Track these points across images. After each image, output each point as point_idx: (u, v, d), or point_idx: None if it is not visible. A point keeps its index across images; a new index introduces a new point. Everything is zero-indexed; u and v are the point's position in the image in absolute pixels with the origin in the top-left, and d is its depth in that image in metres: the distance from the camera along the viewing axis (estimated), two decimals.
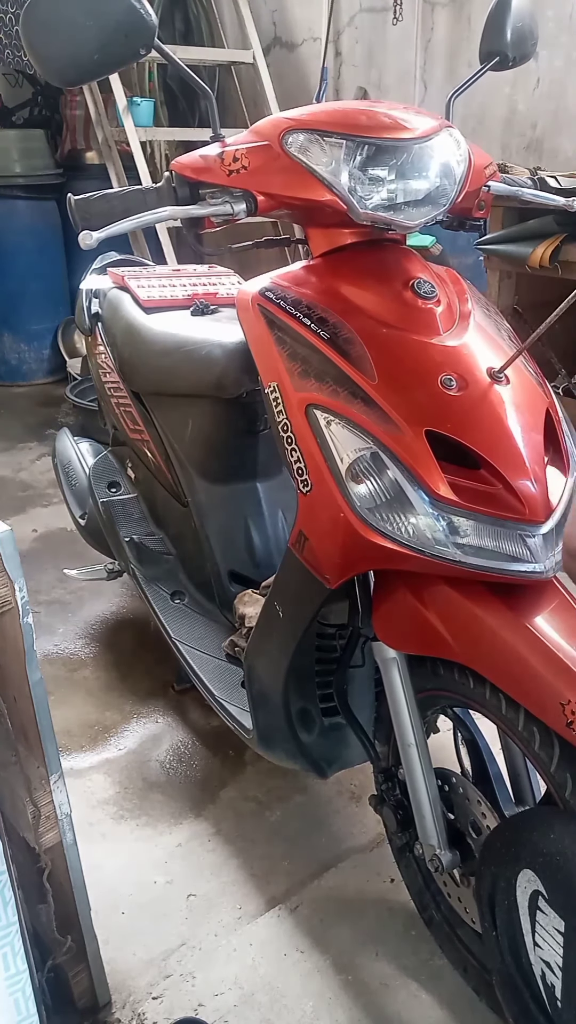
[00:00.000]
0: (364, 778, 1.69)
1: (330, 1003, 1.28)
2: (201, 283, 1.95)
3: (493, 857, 0.95)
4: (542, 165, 2.85)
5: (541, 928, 0.87)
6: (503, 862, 0.92)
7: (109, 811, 1.66)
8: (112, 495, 1.94)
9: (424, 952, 1.35)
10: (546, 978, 0.88)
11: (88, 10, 0.99)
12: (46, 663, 2.08)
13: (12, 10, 4.34)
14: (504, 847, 0.94)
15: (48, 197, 4.03)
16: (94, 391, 2.17)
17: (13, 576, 0.94)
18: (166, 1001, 1.30)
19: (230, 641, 1.59)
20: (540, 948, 0.88)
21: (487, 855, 0.98)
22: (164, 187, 1.14)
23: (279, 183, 1.09)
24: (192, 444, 1.69)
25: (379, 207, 1.08)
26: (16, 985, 1.00)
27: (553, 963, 0.86)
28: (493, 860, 0.95)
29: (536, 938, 0.89)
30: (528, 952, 0.90)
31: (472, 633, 0.99)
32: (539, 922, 0.88)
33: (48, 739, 1.05)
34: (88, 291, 2.02)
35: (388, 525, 1.01)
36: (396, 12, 3.28)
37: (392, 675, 1.15)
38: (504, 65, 1.29)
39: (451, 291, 1.17)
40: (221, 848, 1.57)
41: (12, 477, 3.25)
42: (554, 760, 0.95)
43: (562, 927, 0.84)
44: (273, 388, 1.11)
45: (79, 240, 1.04)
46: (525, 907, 0.89)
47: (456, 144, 1.11)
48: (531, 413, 1.08)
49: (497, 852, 0.95)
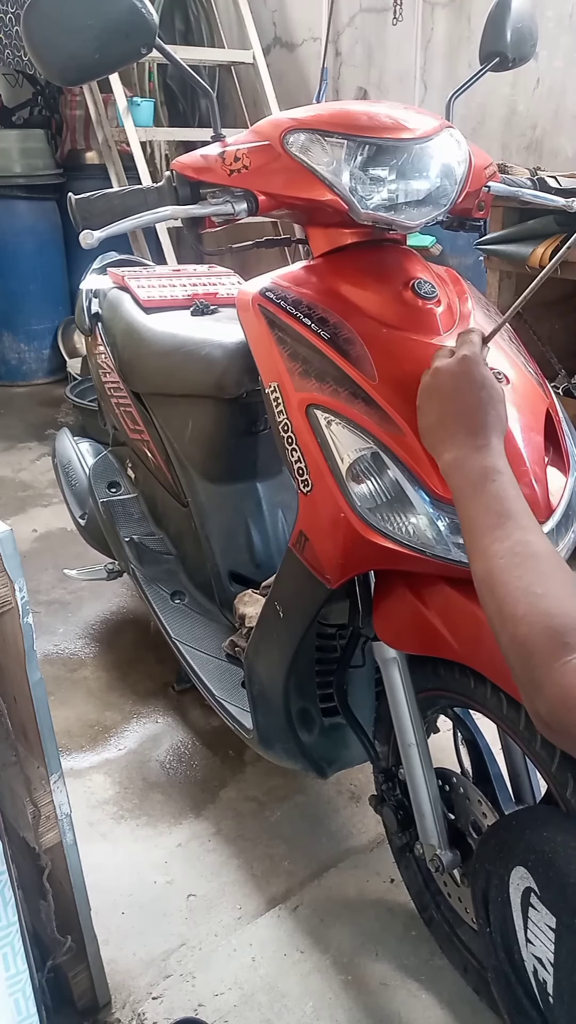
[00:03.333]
0: (364, 778, 1.69)
1: (330, 1003, 1.28)
2: (201, 283, 1.95)
3: (487, 854, 0.96)
4: (542, 165, 2.85)
5: (533, 925, 0.88)
6: (497, 859, 0.93)
7: (109, 811, 1.66)
8: (112, 495, 1.94)
9: (424, 952, 1.35)
10: (538, 974, 0.89)
11: (89, 9, 1.00)
12: (46, 663, 2.08)
13: (12, 10, 4.34)
14: (498, 845, 0.94)
15: (48, 197, 4.03)
16: (94, 391, 2.17)
17: (13, 576, 0.94)
18: (166, 1001, 1.30)
19: (230, 641, 1.59)
20: (532, 944, 0.88)
21: (482, 853, 0.98)
22: (165, 187, 1.14)
23: (280, 183, 1.09)
24: (192, 444, 1.69)
25: (380, 207, 1.08)
26: (16, 985, 1.00)
27: (545, 959, 0.87)
28: (487, 857, 0.95)
29: (528, 934, 0.89)
30: (521, 948, 0.91)
31: (472, 633, 0.99)
32: (531, 919, 0.88)
33: (48, 739, 1.05)
34: (88, 291, 2.02)
35: (388, 525, 1.01)
36: (396, 12, 3.28)
37: (392, 675, 1.15)
38: (504, 66, 1.29)
39: (451, 291, 1.17)
40: (221, 848, 1.57)
41: (12, 477, 3.25)
42: (555, 759, 0.95)
43: (553, 923, 0.85)
44: (273, 388, 1.11)
45: (80, 240, 1.04)
46: (518, 904, 0.90)
47: (456, 144, 1.11)
48: (531, 413, 1.08)
49: (491, 850, 0.95)
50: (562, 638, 0.76)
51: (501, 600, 0.82)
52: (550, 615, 0.78)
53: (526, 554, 0.83)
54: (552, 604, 0.78)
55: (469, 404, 0.95)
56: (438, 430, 0.96)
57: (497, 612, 0.82)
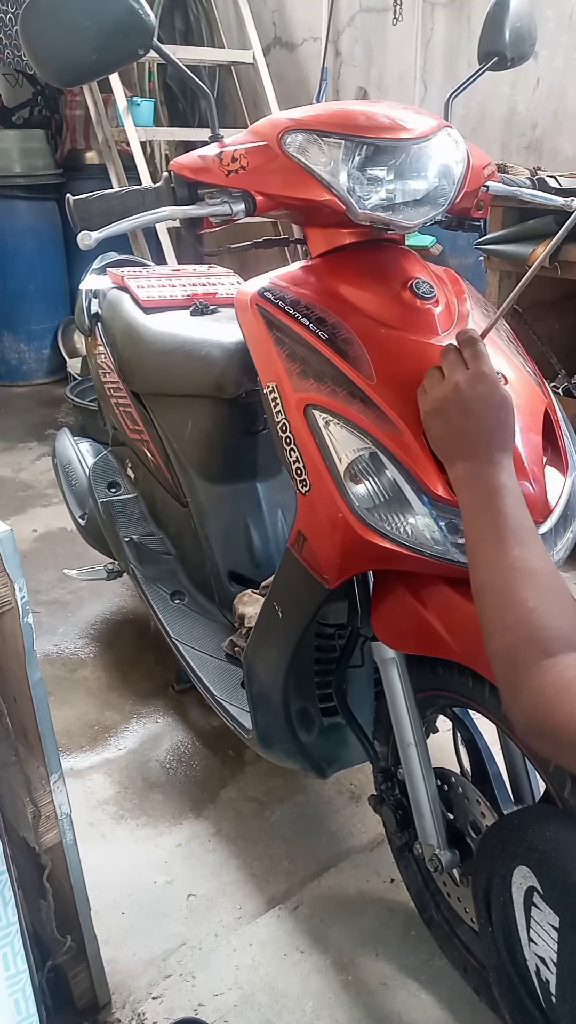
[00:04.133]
0: (364, 778, 1.69)
1: (330, 1003, 1.29)
2: (200, 283, 1.96)
3: (489, 854, 0.96)
4: (542, 165, 2.85)
5: (536, 924, 0.88)
6: (499, 859, 0.93)
7: (109, 811, 1.66)
8: (112, 495, 1.94)
9: (424, 952, 1.35)
10: (540, 974, 0.89)
11: (87, 10, 0.99)
12: (46, 663, 2.08)
13: (12, 10, 4.34)
14: (500, 844, 0.94)
15: (48, 197, 4.04)
16: (94, 391, 2.17)
17: (13, 576, 0.94)
18: (166, 1001, 1.30)
19: (230, 641, 1.59)
20: (535, 944, 0.88)
21: (484, 852, 0.98)
22: (163, 187, 1.14)
23: (278, 183, 1.09)
24: (192, 444, 1.69)
25: (378, 207, 1.08)
26: (16, 985, 1.00)
27: (547, 959, 0.87)
28: (489, 857, 0.95)
29: (531, 934, 0.89)
30: (523, 948, 0.91)
31: (471, 633, 0.99)
32: (534, 918, 0.88)
33: (48, 739, 1.05)
34: (88, 291, 2.03)
35: (387, 525, 1.01)
36: (396, 12, 3.28)
37: (391, 675, 1.15)
38: (503, 65, 1.29)
39: (450, 291, 1.17)
40: (221, 848, 1.57)
41: (12, 477, 3.25)
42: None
43: (556, 923, 0.85)
44: (272, 388, 1.11)
45: (78, 240, 1.04)
46: (520, 903, 0.90)
47: (455, 144, 1.11)
48: (530, 413, 1.08)
49: (493, 849, 0.95)
50: (543, 645, 0.79)
51: (494, 610, 0.86)
52: (537, 627, 0.81)
53: (524, 569, 0.86)
54: (541, 618, 0.82)
55: (486, 423, 0.96)
56: (453, 442, 0.98)
57: (489, 621, 0.86)
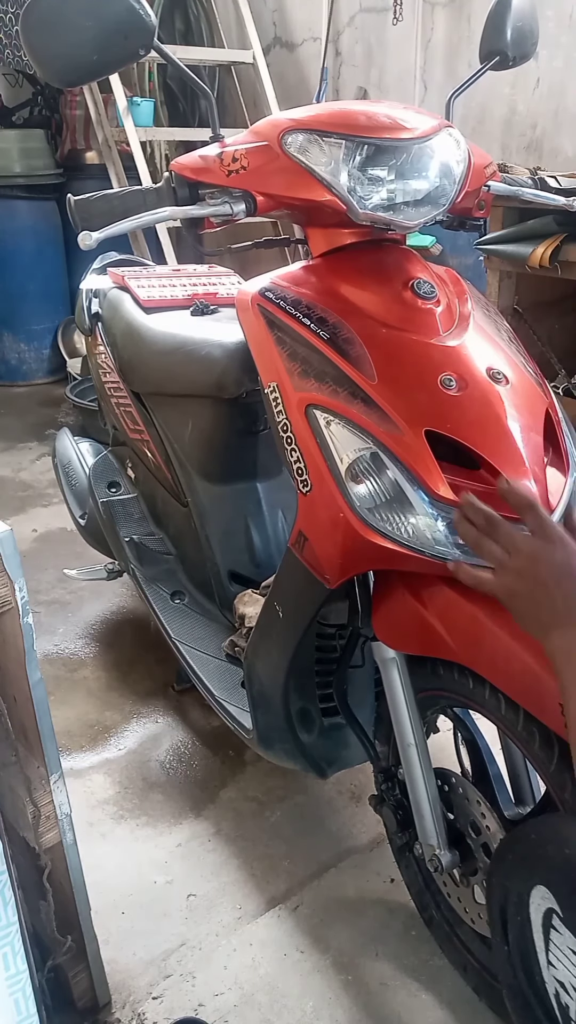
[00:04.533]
0: (364, 778, 1.69)
1: (330, 1003, 1.28)
2: (201, 283, 1.95)
3: (505, 870, 0.92)
4: (542, 165, 2.85)
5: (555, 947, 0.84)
6: (515, 877, 0.88)
7: (109, 811, 1.66)
8: (112, 495, 1.94)
9: (424, 952, 1.35)
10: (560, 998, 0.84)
11: (87, 11, 1.00)
12: (46, 663, 2.08)
13: (12, 10, 4.34)
14: (517, 861, 0.90)
15: (48, 197, 4.03)
16: (94, 391, 2.17)
17: (13, 576, 0.94)
18: (166, 1001, 1.30)
19: (230, 641, 1.59)
20: (554, 968, 0.84)
21: (498, 866, 0.95)
22: (164, 187, 1.14)
23: (278, 183, 1.09)
24: (192, 444, 1.69)
25: (378, 207, 1.08)
26: (16, 985, 1.00)
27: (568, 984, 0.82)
28: (505, 873, 0.92)
29: (550, 956, 0.85)
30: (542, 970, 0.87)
31: (472, 633, 0.99)
32: (553, 941, 0.84)
33: (48, 739, 1.05)
34: (88, 291, 2.02)
35: (388, 525, 1.01)
36: (396, 12, 3.27)
37: (392, 675, 1.15)
38: (504, 65, 1.29)
39: (451, 291, 1.17)
40: (221, 848, 1.57)
41: (12, 477, 3.25)
42: (553, 760, 0.95)
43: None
44: (273, 388, 1.11)
45: (78, 240, 1.04)
46: (539, 924, 0.86)
47: (456, 144, 1.11)
48: (531, 413, 1.08)
49: (509, 865, 0.92)
50: None
51: None
52: None
53: None
54: None
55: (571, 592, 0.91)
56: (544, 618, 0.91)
57: None
